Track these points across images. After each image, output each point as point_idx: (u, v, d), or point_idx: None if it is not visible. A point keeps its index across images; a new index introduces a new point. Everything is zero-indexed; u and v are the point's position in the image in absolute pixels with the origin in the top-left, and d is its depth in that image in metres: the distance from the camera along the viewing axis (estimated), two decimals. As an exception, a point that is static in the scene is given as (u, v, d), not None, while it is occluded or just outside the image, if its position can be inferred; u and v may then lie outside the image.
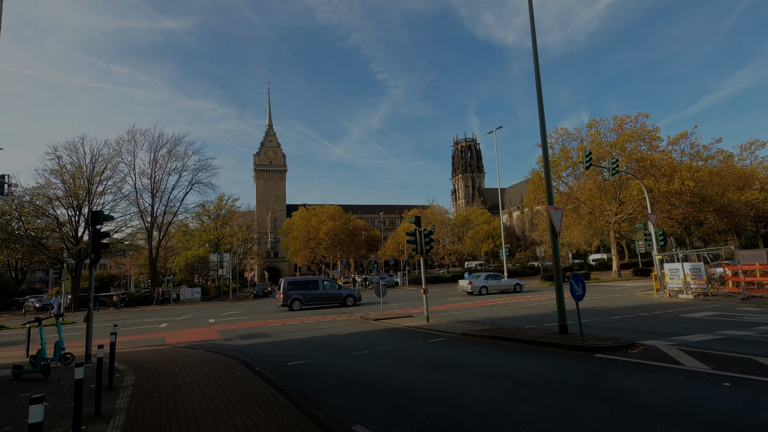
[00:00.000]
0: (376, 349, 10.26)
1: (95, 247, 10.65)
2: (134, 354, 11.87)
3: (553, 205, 10.00)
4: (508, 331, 10.75)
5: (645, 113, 37.54)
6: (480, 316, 16.33)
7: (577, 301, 9.17)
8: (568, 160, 39.32)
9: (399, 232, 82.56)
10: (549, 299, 22.50)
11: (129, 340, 15.58)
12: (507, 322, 14.23)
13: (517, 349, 9.21)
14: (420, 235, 15.00)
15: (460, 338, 11.22)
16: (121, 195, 45.42)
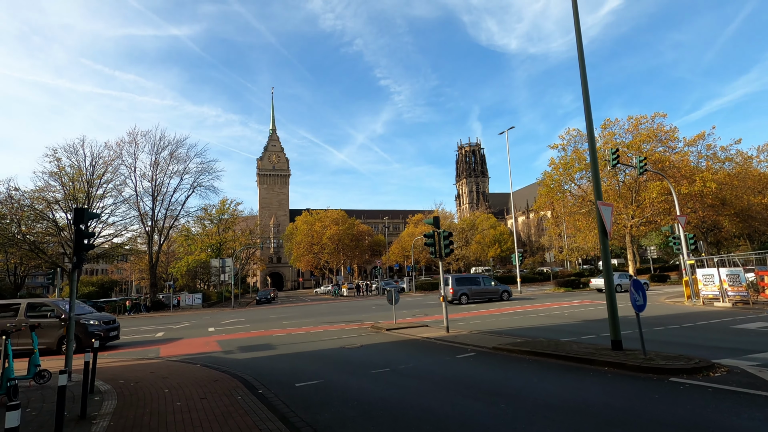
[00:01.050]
0: (398, 367, 8.90)
1: (78, 249, 9.40)
2: (122, 370, 10.54)
3: (601, 199, 8.68)
4: (548, 346, 9.35)
5: (662, 113, 36.28)
6: (502, 326, 14.93)
7: (638, 312, 7.81)
8: (581, 162, 37.93)
9: (403, 237, 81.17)
10: (570, 306, 21.06)
11: (119, 353, 14.27)
12: (536, 333, 12.83)
13: (566, 368, 7.82)
14: (439, 237, 13.67)
15: (491, 353, 9.84)
16: (122, 198, 44.33)
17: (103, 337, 14.29)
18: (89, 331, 14.01)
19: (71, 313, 9.30)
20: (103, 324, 14.77)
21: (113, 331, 15.25)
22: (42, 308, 14.48)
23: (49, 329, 13.86)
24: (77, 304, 15.20)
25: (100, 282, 78.43)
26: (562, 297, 28.08)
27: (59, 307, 14.33)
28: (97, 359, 8.27)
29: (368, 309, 27.16)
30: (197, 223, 60.04)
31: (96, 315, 15.64)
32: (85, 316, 14.79)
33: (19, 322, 13.51)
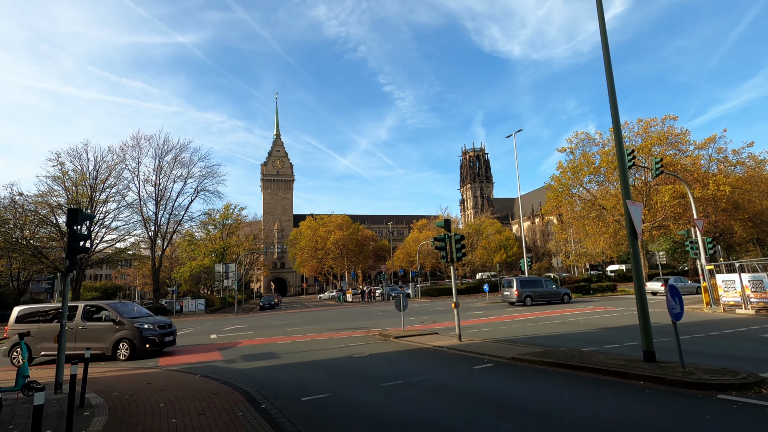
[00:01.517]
0: (411, 379, 8.27)
1: (72, 252, 8.87)
2: (117, 380, 9.97)
3: (630, 199, 8.06)
4: (573, 357, 8.69)
5: (673, 115, 35.59)
6: (516, 334, 14.26)
7: (676, 320, 7.13)
8: (590, 165, 37.27)
9: (408, 243, 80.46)
10: (583, 313, 20.31)
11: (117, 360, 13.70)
12: (553, 342, 12.16)
13: (596, 382, 7.16)
14: (451, 240, 13.07)
15: (510, 364, 9.18)
16: (125, 203, 44.09)
17: (157, 342, 13.41)
18: (143, 336, 13.15)
19: (62, 320, 8.75)
20: (157, 328, 13.74)
21: (169, 335, 14.14)
22: (98, 311, 13.73)
23: (104, 333, 13.30)
24: (129, 306, 14.81)
25: (103, 287, 78.34)
26: (575, 303, 27.29)
27: (115, 310, 13.57)
28: (88, 370, 7.69)
29: (374, 315, 26.51)
30: (201, 228, 59.74)
31: (151, 319, 14.44)
32: (139, 319, 13.79)
33: (76, 325, 13.21)
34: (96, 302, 14.31)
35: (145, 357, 13.19)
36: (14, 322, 14.04)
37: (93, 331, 13.27)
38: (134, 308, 15.04)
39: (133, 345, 13.04)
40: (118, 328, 13.23)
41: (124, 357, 12.98)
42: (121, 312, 13.65)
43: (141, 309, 15.51)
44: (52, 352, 12.90)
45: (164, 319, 15.06)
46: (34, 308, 14.46)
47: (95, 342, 13.07)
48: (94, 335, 13.22)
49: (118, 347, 13.15)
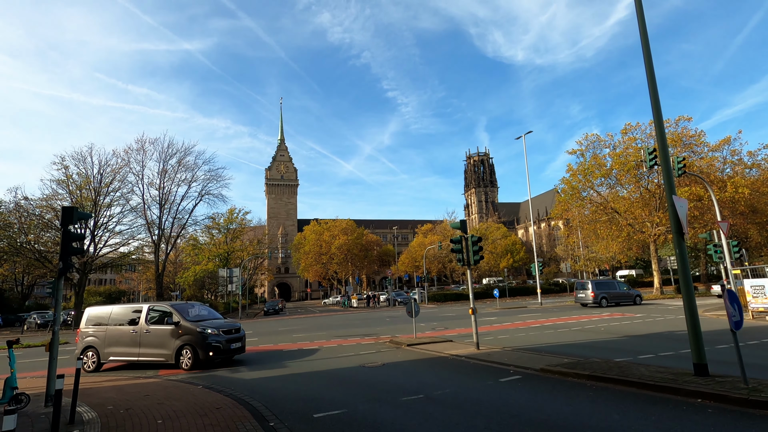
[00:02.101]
0: (433, 392, 7.51)
1: (66, 253, 8.23)
2: (115, 391, 9.27)
3: (675, 194, 7.32)
4: (611, 369, 7.91)
5: (687, 116, 34.75)
6: (535, 342, 13.45)
7: (735, 329, 6.33)
8: (601, 168, 36.43)
9: (413, 247, 79.58)
10: (601, 320, 19.42)
11: (115, 368, 13.03)
12: (578, 351, 11.35)
13: (646, 399, 6.37)
14: (467, 242, 12.33)
15: (540, 376, 8.40)
16: (129, 207, 43.67)
17: (222, 349, 11.74)
18: (207, 342, 11.52)
19: (55, 326, 8.09)
20: (222, 333, 12.01)
21: (236, 341, 12.34)
22: (161, 313, 12.33)
23: (167, 339, 11.91)
24: (191, 307, 13.21)
25: (107, 292, 78.07)
26: (589, 310, 26.36)
27: (177, 312, 12.07)
28: (79, 383, 7.00)
29: (382, 321, 25.72)
30: (205, 233, 59.24)
31: (216, 322, 12.66)
32: (202, 322, 12.10)
33: (141, 330, 12.18)
34: (158, 303, 13.01)
35: (210, 367, 11.71)
36: (85, 325, 13.16)
37: (156, 336, 12.05)
38: (196, 309, 13.29)
39: (196, 352, 11.50)
40: (180, 333, 11.76)
41: (187, 366, 11.53)
42: (182, 314, 12.16)
43: (203, 309, 13.64)
44: (122, 357, 12.41)
45: (231, 322, 13.19)
46: (105, 310, 13.40)
47: (158, 348, 11.93)
48: (157, 340, 12.01)
49: (180, 354, 11.71)
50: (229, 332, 12.28)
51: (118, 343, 12.34)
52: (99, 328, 12.76)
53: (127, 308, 13.13)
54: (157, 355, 11.86)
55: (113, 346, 12.41)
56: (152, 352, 11.94)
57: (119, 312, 13.00)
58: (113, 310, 13.17)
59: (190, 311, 12.71)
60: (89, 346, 12.66)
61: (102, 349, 12.49)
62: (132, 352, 12.16)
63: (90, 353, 12.62)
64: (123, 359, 12.38)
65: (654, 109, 8.22)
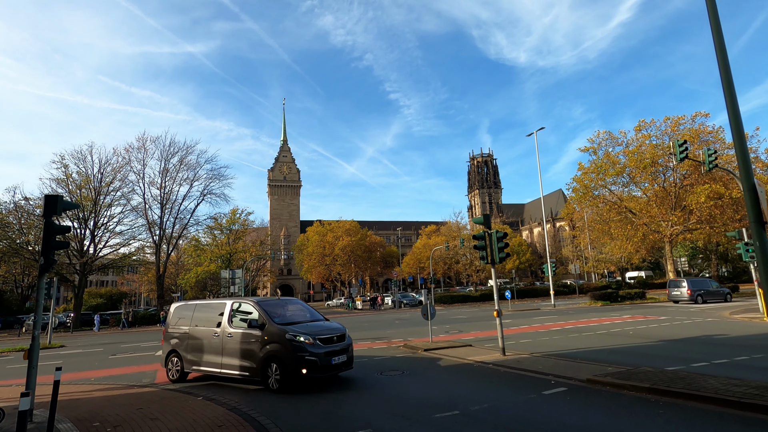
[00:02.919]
0: (469, 408, 6.47)
1: (48, 248, 7.24)
2: (105, 403, 8.26)
3: (753, 181, 6.28)
4: (674, 381, 6.85)
5: (704, 112, 33.77)
6: (562, 347, 12.40)
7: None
8: (614, 165, 35.34)
9: (417, 249, 78.50)
10: (624, 323, 18.31)
11: (111, 375, 12.04)
12: (618, 357, 10.28)
13: (734, 420, 5.32)
14: (492, 238, 11.30)
15: (588, 388, 7.35)
16: (130, 207, 42.82)
17: (319, 365, 8.25)
18: (297, 354, 8.21)
19: (35, 331, 7.10)
20: (318, 342, 8.50)
21: (339, 354, 8.72)
22: (245, 313, 9.48)
23: (250, 347, 8.84)
24: (282, 304, 10.22)
25: (108, 294, 77.26)
26: (606, 311, 25.25)
27: (263, 312, 9.04)
28: (57, 396, 6.00)
29: (390, 324, 24.69)
30: (207, 233, 58.32)
31: (313, 326, 9.09)
32: (293, 326, 8.84)
33: (223, 333, 9.43)
34: (244, 299, 10.11)
35: (304, 389, 8.44)
36: (170, 323, 10.86)
37: (238, 343, 9.13)
38: (289, 307, 10.19)
39: (285, 368, 8.26)
40: (266, 340, 8.62)
41: (275, 387, 8.32)
42: (269, 313, 9.04)
43: (299, 307, 10.44)
44: (204, 368, 9.76)
45: (332, 326, 9.41)
46: (189, 305, 11.07)
47: (241, 359, 8.99)
48: (240, 348, 9.06)
49: (267, 369, 8.54)
50: (329, 341, 8.77)
51: (201, 349, 9.88)
52: (182, 328, 10.50)
53: (210, 305, 10.64)
54: (240, 368, 8.98)
55: (195, 352, 9.97)
56: (235, 363, 9.11)
57: (203, 309, 10.60)
58: (197, 306, 10.82)
59: (281, 310, 9.71)
60: (173, 351, 10.45)
61: (185, 354, 10.14)
62: (214, 362, 9.54)
63: (174, 359, 10.40)
64: (205, 370, 9.74)
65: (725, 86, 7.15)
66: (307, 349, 8.28)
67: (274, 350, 8.44)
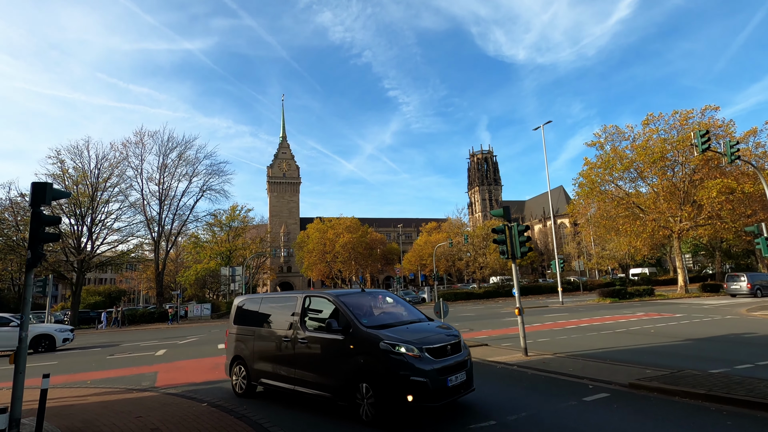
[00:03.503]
0: (506, 417, 5.81)
1: (35, 240, 6.54)
2: (101, 410, 7.58)
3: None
4: (731, 387, 6.21)
5: (714, 106, 32.96)
6: (584, 346, 11.78)
7: None
8: (622, 160, 34.69)
9: (417, 246, 77.94)
10: (640, 321, 17.69)
11: (108, 377, 11.37)
12: (648, 358, 9.64)
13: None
14: (512, 231, 10.64)
15: (633, 394, 6.69)
16: (128, 203, 42.03)
17: (430, 389, 5.55)
18: (398, 374, 5.56)
19: (23, 332, 6.40)
20: (427, 355, 5.80)
21: (456, 371, 5.98)
22: (319, 312, 7.03)
23: (329, 358, 6.39)
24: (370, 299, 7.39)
25: (107, 291, 76.41)
26: (617, 309, 24.65)
27: (347, 310, 6.45)
28: (45, 406, 5.32)
29: (397, 322, 23.96)
30: (206, 230, 57.58)
31: (417, 329, 6.38)
32: (388, 331, 6.10)
33: (294, 336, 6.94)
34: (318, 292, 7.54)
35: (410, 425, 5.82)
36: (234, 323, 8.58)
37: (314, 352, 6.66)
38: (381, 303, 7.52)
39: (381, 392, 5.65)
40: (352, 349, 6.08)
41: (368, 417, 5.77)
42: (353, 311, 6.45)
43: (392, 302, 7.65)
44: (273, 381, 7.34)
45: (445, 332, 6.51)
46: (255, 299, 8.62)
47: (318, 373, 6.50)
48: (316, 360, 6.60)
49: (356, 390, 5.96)
50: (442, 352, 5.97)
51: (269, 357, 7.48)
52: (247, 329, 8.13)
53: (279, 298, 8.23)
54: (317, 386, 6.45)
55: (263, 361, 7.60)
56: (310, 378, 6.60)
57: (270, 304, 8.16)
58: (263, 300, 8.42)
59: (368, 307, 7.01)
60: (237, 357, 8.23)
61: (251, 363, 7.82)
62: (285, 375, 7.07)
63: (239, 367, 8.15)
64: (275, 384, 7.28)
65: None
66: (411, 366, 5.55)
67: (364, 365, 5.88)
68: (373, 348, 5.86)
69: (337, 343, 6.28)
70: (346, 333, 6.22)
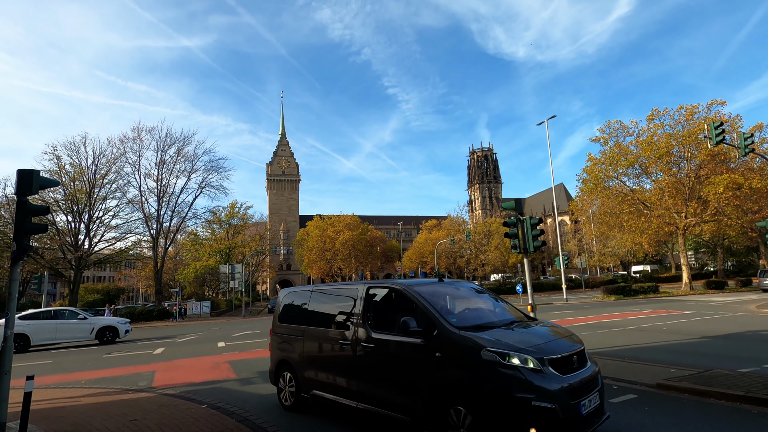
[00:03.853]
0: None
1: (20, 232, 6.09)
2: (93, 412, 7.14)
3: None
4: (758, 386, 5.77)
5: (720, 100, 32.49)
6: (597, 344, 11.38)
7: None
8: (626, 155, 34.27)
9: (418, 243, 77.54)
10: (649, 318, 17.30)
11: (104, 376, 10.93)
12: (662, 355, 9.23)
13: None
14: (525, 225, 10.20)
15: (662, 395, 6.27)
16: (126, 200, 41.50)
17: (560, 420, 3.88)
18: (515, 398, 3.96)
19: (7, 330, 5.95)
20: (549, 368, 4.14)
21: (589, 390, 4.32)
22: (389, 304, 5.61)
23: (406, 369, 4.83)
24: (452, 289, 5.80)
25: (105, 289, 75.94)
26: (623, 306, 24.27)
27: (428, 306, 4.85)
28: (29, 411, 4.87)
29: (400, 319, 23.56)
30: (206, 228, 57.08)
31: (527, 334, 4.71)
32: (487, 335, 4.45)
33: (354, 339, 5.47)
34: (385, 283, 5.84)
35: None
36: (279, 320, 7.12)
37: (384, 359, 5.14)
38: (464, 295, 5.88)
39: (485, 422, 4.02)
40: (438, 358, 4.50)
41: None
42: (436, 307, 4.87)
43: (477, 295, 5.88)
44: (328, 395, 5.86)
45: (558, 336, 4.80)
46: (302, 293, 7.00)
47: (391, 388, 5.01)
48: (388, 369, 5.09)
49: (446, 415, 4.35)
50: (569, 365, 4.34)
51: (321, 364, 6.10)
52: (295, 328, 6.64)
53: (333, 291, 6.50)
54: (390, 405, 4.97)
55: (314, 369, 6.18)
56: (379, 395, 5.13)
57: (322, 297, 6.57)
58: (313, 294, 6.76)
59: (451, 302, 5.46)
60: (284, 362, 6.78)
61: (301, 370, 6.38)
62: (344, 388, 5.61)
63: (287, 375, 6.71)
64: (332, 398, 5.78)
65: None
66: (531, 385, 3.96)
67: (457, 381, 4.29)
68: (471, 358, 4.20)
69: (417, 349, 4.64)
70: (427, 336, 4.58)
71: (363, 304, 5.57)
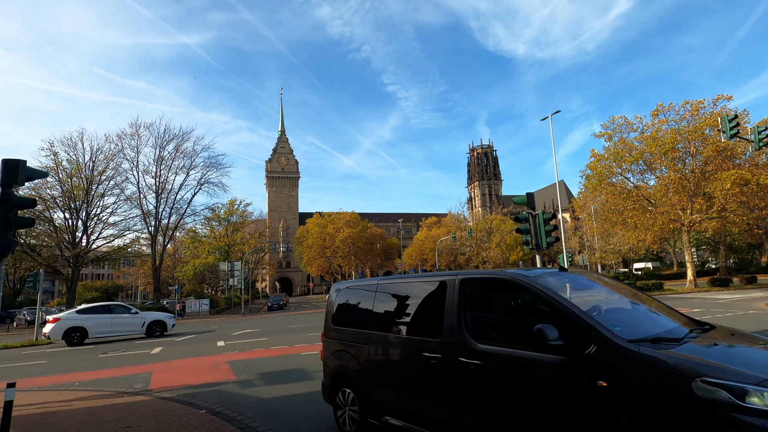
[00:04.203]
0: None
1: (5, 225, 5.65)
2: (85, 417, 6.72)
3: None
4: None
5: (726, 95, 32.08)
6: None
7: None
8: (631, 151, 33.86)
9: (418, 240, 77.27)
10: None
11: (99, 378, 10.52)
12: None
13: None
14: (538, 220, 9.77)
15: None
16: (124, 197, 41.04)
17: None
18: None
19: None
20: None
21: None
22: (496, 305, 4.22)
23: (533, 392, 3.22)
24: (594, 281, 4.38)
25: (104, 287, 75.54)
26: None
27: (566, 305, 3.22)
28: (9, 421, 4.45)
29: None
30: (205, 225, 56.66)
31: (731, 344, 3.18)
32: (680, 351, 2.77)
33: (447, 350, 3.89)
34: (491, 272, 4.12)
35: None
36: (333, 323, 5.65)
37: (504, 382, 3.45)
38: (593, 291, 4.27)
39: None
40: (604, 389, 2.81)
41: None
42: (578, 305, 3.23)
43: (618, 293, 4.22)
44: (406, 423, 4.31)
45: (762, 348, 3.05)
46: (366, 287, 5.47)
47: (517, 428, 3.32)
48: (511, 398, 3.39)
49: None
50: None
51: (397, 382, 4.54)
52: (356, 334, 5.16)
53: (409, 285, 4.96)
54: None
55: (385, 387, 4.66)
56: None
57: (394, 294, 4.99)
58: (379, 287, 5.18)
59: (603, 294, 4.24)
60: (341, 376, 5.31)
61: (366, 388, 4.87)
62: (434, 419, 4.03)
63: (347, 392, 5.17)
64: (412, 428, 4.22)
65: None
66: None
67: (638, 429, 2.67)
68: (672, 393, 2.56)
69: (559, 372, 3.08)
70: (577, 353, 3.01)
71: (457, 302, 3.96)
